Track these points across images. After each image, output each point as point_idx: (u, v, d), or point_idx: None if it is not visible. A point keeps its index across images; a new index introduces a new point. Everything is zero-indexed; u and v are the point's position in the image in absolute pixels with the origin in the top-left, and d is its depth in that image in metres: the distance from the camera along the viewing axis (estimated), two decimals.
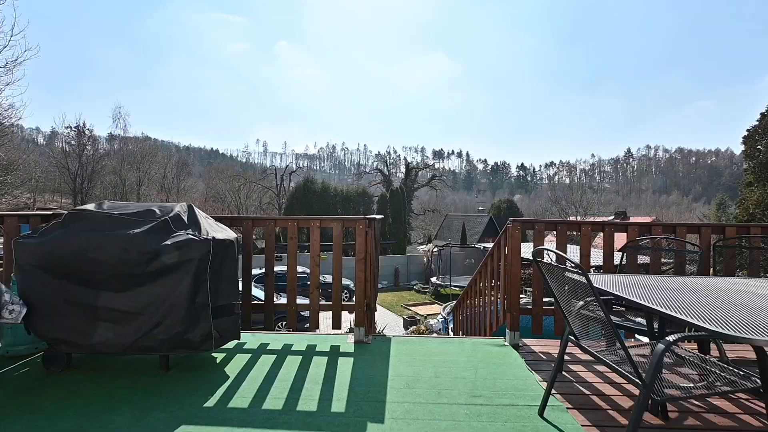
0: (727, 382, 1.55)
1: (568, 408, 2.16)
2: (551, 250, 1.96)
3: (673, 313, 1.43)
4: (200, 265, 2.56)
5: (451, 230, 37.37)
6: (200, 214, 2.88)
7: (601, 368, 2.69)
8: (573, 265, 1.65)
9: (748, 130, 20.41)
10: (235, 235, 3.00)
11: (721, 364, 1.65)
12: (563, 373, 2.63)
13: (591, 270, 3.25)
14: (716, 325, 1.31)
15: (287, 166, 51.66)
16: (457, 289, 18.30)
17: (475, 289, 5.00)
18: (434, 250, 24.89)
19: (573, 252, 3.77)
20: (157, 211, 2.73)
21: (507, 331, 3.26)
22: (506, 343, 3.20)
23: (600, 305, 1.55)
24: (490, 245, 6.20)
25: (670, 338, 1.42)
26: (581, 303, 1.84)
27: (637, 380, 1.48)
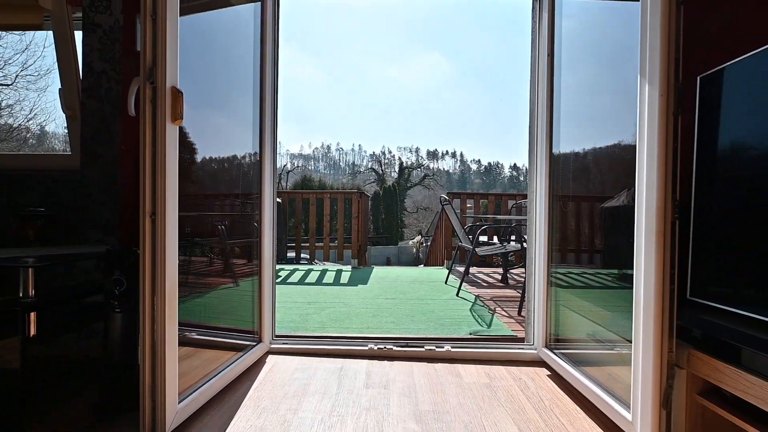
0: (502, 249, 3.61)
1: (458, 281, 4.20)
2: (447, 200, 3.98)
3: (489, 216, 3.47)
4: None
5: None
6: None
7: (491, 276, 4.74)
8: (447, 198, 3.68)
9: None
10: (279, 200, 5.03)
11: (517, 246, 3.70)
12: (471, 275, 4.66)
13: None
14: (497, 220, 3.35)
15: (284, 165, 53.64)
16: None
17: (435, 244, 7.05)
18: (422, 242, 26.95)
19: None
20: None
21: (445, 261, 5.30)
22: (443, 268, 5.24)
23: (454, 213, 3.58)
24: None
25: (481, 229, 3.47)
26: (464, 229, 3.87)
27: (470, 245, 3.52)
